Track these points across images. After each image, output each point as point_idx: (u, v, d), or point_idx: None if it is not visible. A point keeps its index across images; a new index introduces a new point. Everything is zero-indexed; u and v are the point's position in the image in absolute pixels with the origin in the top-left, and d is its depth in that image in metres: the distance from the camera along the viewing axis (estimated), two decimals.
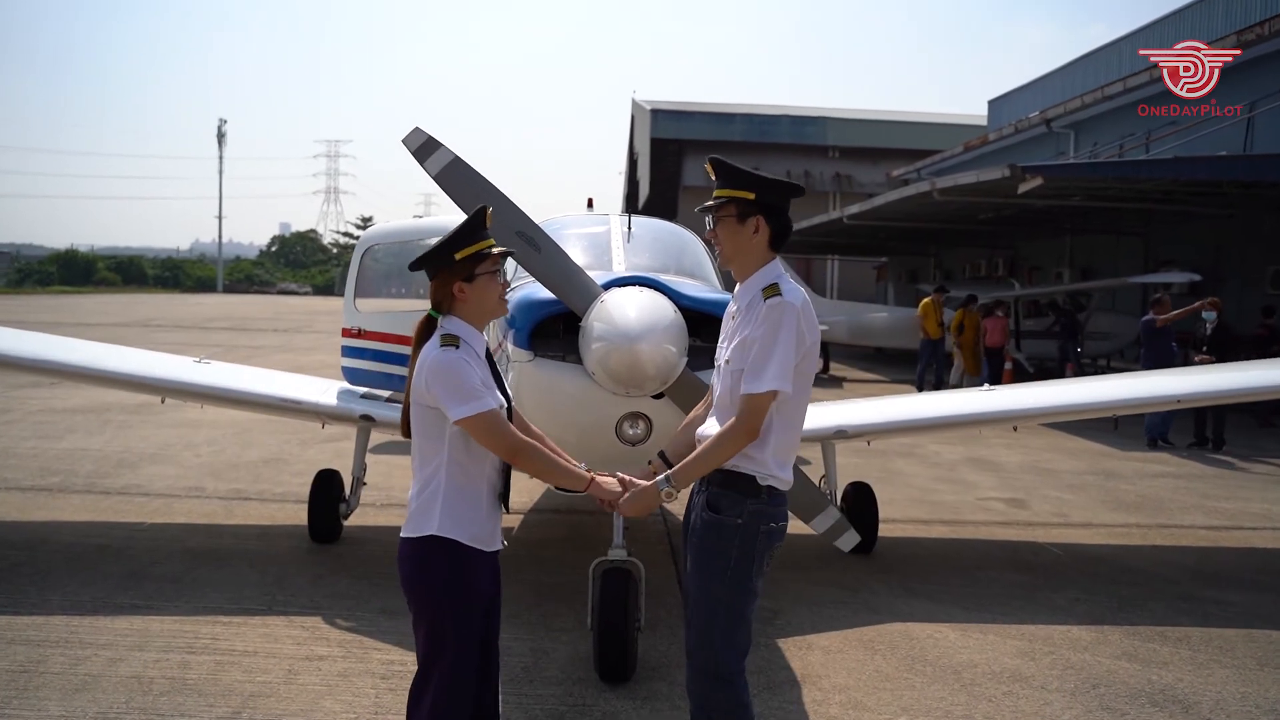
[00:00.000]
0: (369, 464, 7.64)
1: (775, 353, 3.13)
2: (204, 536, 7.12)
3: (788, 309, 3.15)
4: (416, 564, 3.25)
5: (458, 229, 3.24)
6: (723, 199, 3.32)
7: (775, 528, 3.31)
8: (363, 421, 6.52)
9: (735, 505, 3.26)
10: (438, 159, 3.94)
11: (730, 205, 3.31)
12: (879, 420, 6.41)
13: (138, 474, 9.20)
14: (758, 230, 3.28)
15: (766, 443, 3.23)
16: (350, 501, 7.09)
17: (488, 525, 3.27)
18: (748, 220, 3.27)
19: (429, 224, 6.89)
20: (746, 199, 3.28)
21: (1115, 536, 8.19)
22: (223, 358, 22.59)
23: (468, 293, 3.22)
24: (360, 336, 6.72)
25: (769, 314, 3.15)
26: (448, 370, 3.10)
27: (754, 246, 3.29)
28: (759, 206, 3.29)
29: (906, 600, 6.19)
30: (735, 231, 3.30)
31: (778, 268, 3.32)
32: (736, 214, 3.29)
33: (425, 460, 3.24)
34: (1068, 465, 11.53)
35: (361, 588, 6.04)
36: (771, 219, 3.30)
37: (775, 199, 3.33)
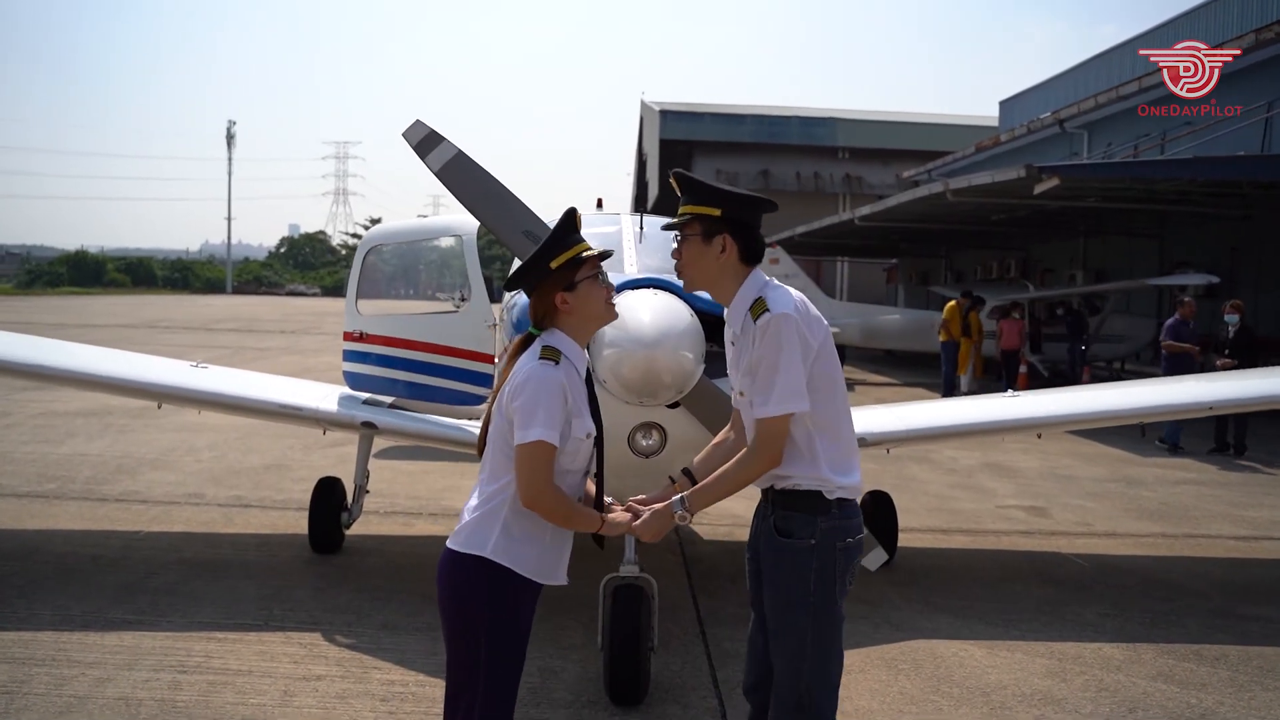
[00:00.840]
0: (372, 470, 7.43)
1: (779, 371, 2.91)
2: (202, 546, 6.91)
3: (780, 321, 2.92)
4: (457, 582, 3.01)
5: (550, 235, 3.03)
6: (686, 216, 3.07)
7: (852, 542, 3.08)
8: (365, 429, 6.30)
9: (806, 526, 3.03)
10: (440, 154, 3.71)
11: (694, 223, 3.06)
12: (901, 428, 6.16)
13: (137, 480, 9.00)
14: (725, 249, 3.03)
15: (816, 457, 3.02)
16: (352, 510, 6.88)
17: (549, 557, 3.04)
18: (714, 239, 3.03)
19: (434, 223, 6.67)
20: (711, 215, 3.03)
21: (1141, 547, 7.93)
22: (229, 359, 22.78)
23: (572, 303, 3.00)
24: (363, 340, 6.49)
25: (763, 333, 2.93)
26: (539, 387, 2.89)
27: (724, 266, 3.05)
28: (725, 223, 3.03)
29: (930, 616, 5.94)
30: (701, 252, 3.05)
31: (758, 278, 3.08)
32: (701, 232, 3.04)
33: (494, 475, 3.01)
34: (1087, 471, 11.26)
35: (362, 601, 5.82)
36: (739, 236, 3.05)
37: (743, 214, 3.07)
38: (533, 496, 2.90)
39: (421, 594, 5.97)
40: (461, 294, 6.44)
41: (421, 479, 9.34)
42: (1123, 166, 18.62)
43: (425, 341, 6.27)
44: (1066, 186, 16.45)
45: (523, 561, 2.98)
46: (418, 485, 9.12)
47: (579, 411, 2.98)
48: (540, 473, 2.89)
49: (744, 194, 3.08)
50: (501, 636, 2.98)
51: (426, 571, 6.61)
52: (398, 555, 6.89)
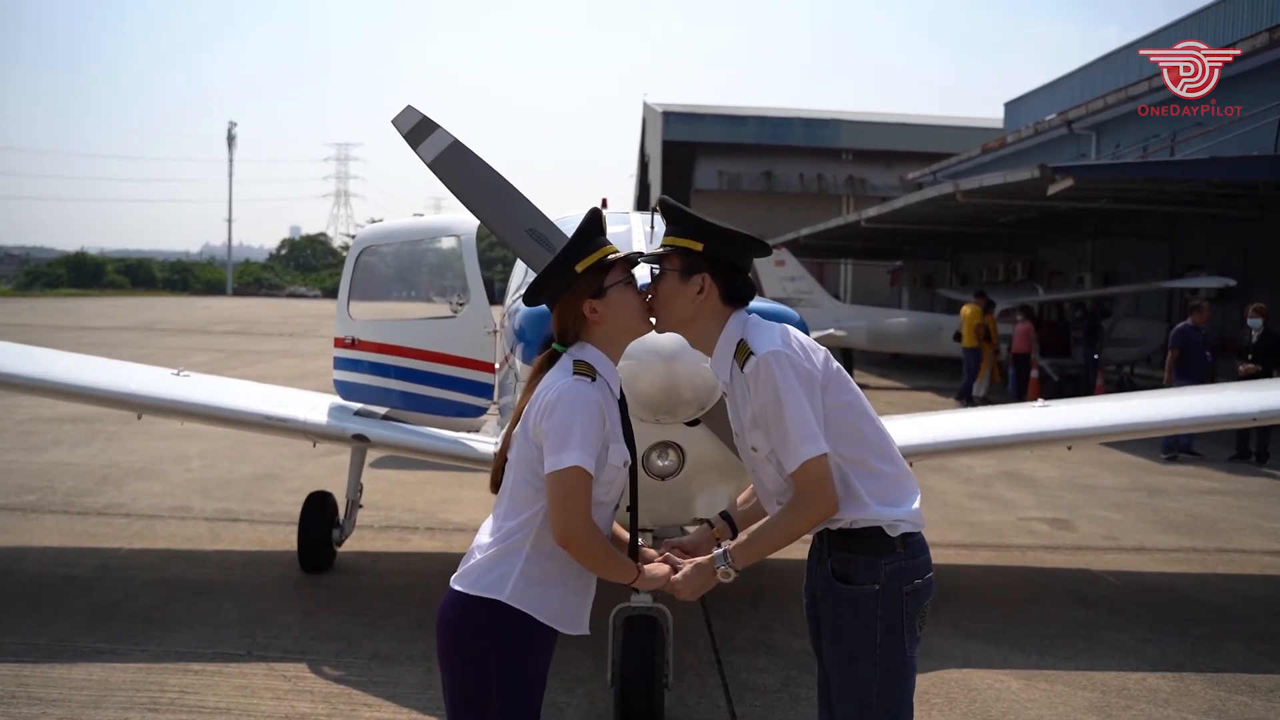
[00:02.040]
0: (368, 480, 7.07)
1: (787, 416, 2.56)
2: (184, 565, 6.53)
3: (768, 362, 2.57)
4: (466, 629, 2.59)
5: (573, 236, 2.68)
6: (666, 248, 2.72)
7: (921, 583, 2.70)
8: (356, 442, 5.92)
9: (868, 569, 2.66)
10: (434, 143, 3.32)
11: (674, 256, 2.70)
12: (926, 440, 5.77)
13: (121, 491, 8.62)
14: (703, 290, 2.67)
15: (857, 494, 2.65)
16: (344, 527, 6.50)
17: (572, 603, 2.67)
18: (692, 277, 2.67)
19: (431, 223, 6.28)
20: (692, 250, 2.67)
21: (1172, 563, 7.55)
22: (224, 363, 22.38)
23: (602, 311, 2.63)
24: (354, 347, 6.11)
25: (754, 380, 2.60)
26: (574, 406, 2.51)
27: (700, 308, 2.69)
28: (706, 261, 2.67)
29: (959, 641, 5.56)
30: (676, 290, 2.69)
31: (740, 320, 2.72)
32: (680, 268, 2.68)
33: (515, 509, 2.62)
34: (1109, 480, 10.88)
35: (353, 628, 5.44)
36: (720, 276, 2.69)
37: (729, 253, 2.71)
38: (569, 532, 2.51)
39: (416, 618, 5.60)
40: (460, 298, 6.06)
41: (419, 490, 8.97)
42: (1138, 167, 18.25)
43: (421, 349, 5.88)
44: (1079, 187, 16.08)
45: (544, 607, 2.59)
46: (415, 497, 8.75)
47: (615, 436, 2.61)
48: (578, 504, 2.51)
49: (732, 231, 2.70)
50: (514, 691, 2.59)
51: (422, 592, 6.30)
52: (392, 574, 6.51)
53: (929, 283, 35.21)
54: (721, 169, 42.91)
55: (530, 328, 3.96)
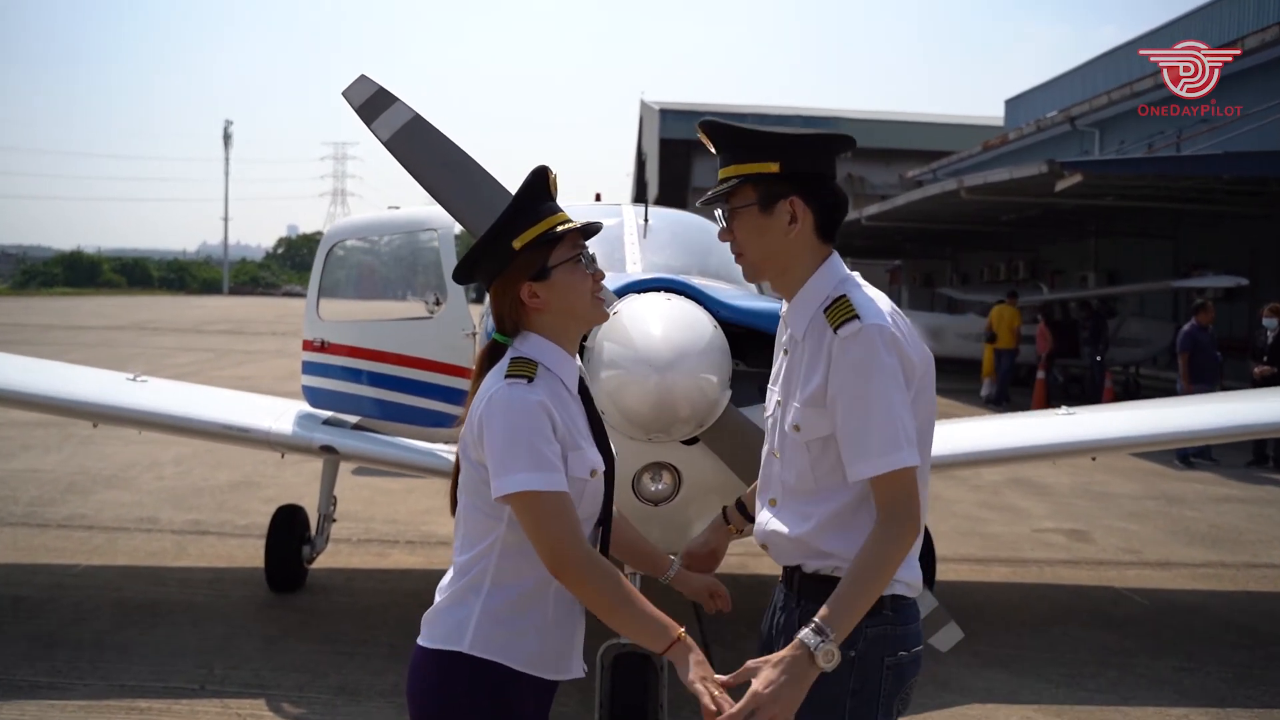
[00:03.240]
0: (348, 487, 6.63)
1: (876, 414, 2.04)
2: (145, 583, 6.07)
3: (873, 338, 2.05)
4: (431, 688, 2.15)
5: (510, 204, 2.19)
6: (733, 179, 2.18)
7: (907, 657, 2.18)
8: (324, 453, 5.47)
9: None
10: (391, 118, 2.86)
11: (747, 188, 2.18)
12: (947, 451, 5.31)
13: (87, 501, 8.16)
14: (795, 218, 2.16)
15: (861, 536, 2.12)
16: (316, 543, 6.05)
17: (553, 640, 2.19)
18: (777, 206, 2.16)
19: (407, 216, 5.83)
20: (770, 173, 2.15)
21: (1200, 579, 7.11)
22: (214, 362, 21.90)
23: (544, 296, 2.16)
24: (324, 350, 5.66)
25: (846, 353, 2.06)
26: (508, 414, 2.06)
27: (795, 244, 2.17)
28: (791, 182, 2.16)
29: (981, 671, 5.12)
30: (762, 227, 2.17)
31: (838, 267, 2.21)
32: (758, 200, 2.17)
33: (468, 541, 2.18)
34: (1123, 488, 10.45)
35: (319, 657, 4.98)
36: (813, 196, 2.17)
37: (814, 164, 2.19)
38: (559, 563, 2.05)
39: (390, 645, 5.15)
40: (436, 297, 5.61)
41: (402, 500, 8.51)
42: (1149, 162, 17.84)
43: (395, 352, 5.43)
44: (1086, 184, 15.68)
45: (517, 652, 2.13)
46: (398, 506, 8.30)
47: (573, 442, 2.13)
48: (559, 534, 2.04)
49: (806, 134, 2.18)
50: None
51: (398, 614, 5.81)
52: (367, 594, 6.06)
53: (928, 282, 34.86)
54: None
55: None
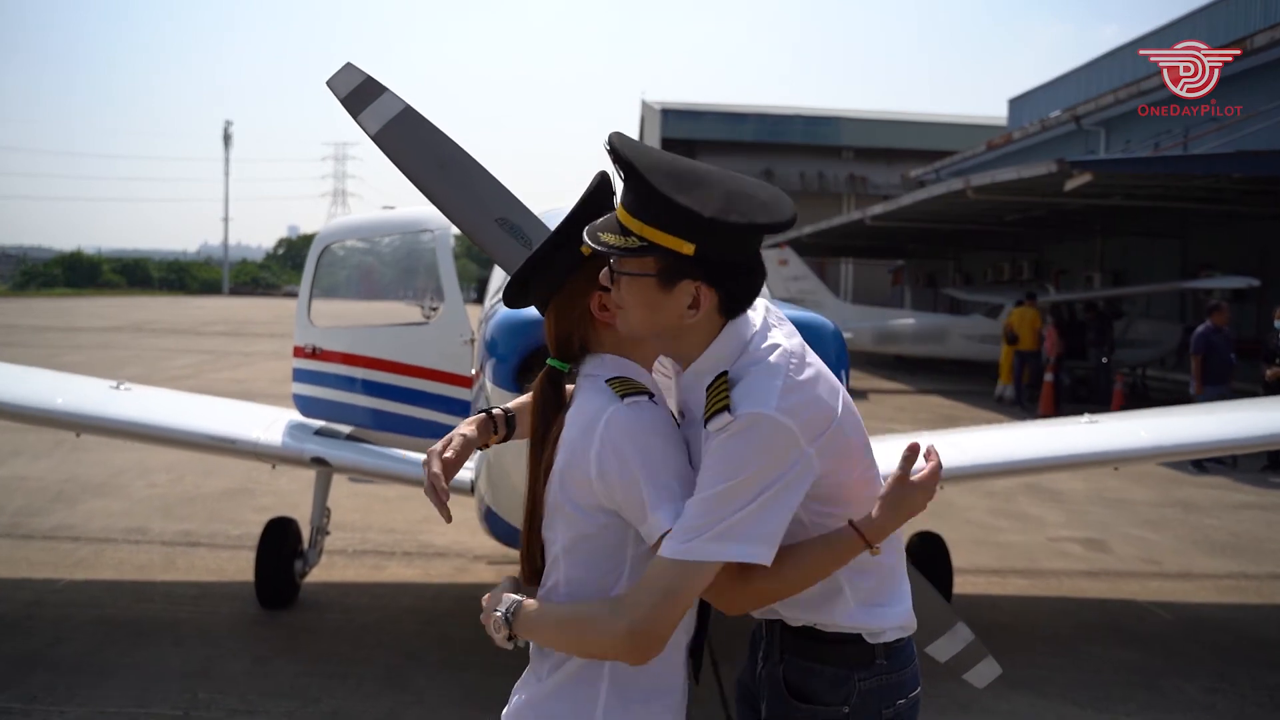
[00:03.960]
0: (344, 495, 6.39)
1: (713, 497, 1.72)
2: (129, 599, 5.84)
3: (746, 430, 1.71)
4: None
5: (578, 206, 1.87)
6: (638, 242, 1.75)
7: (905, 705, 1.97)
8: (315, 465, 5.24)
9: (837, 686, 1.92)
10: (379, 110, 2.62)
11: (649, 258, 1.76)
12: (966, 463, 5.08)
13: (74, 511, 7.92)
14: (696, 304, 1.78)
15: (839, 589, 1.90)
16: (309, 557, 5.82)
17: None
18: (679, 285, 1.77)
19: (401, 216, 5.59)
20: (680, 254, 1.74)
21: (1224, 592, 6.88)
22: (211, 365, 21.66)
23: (616, 306, 1.84)
24: (316, 357, 5.43)
25: (708, 440, 1.76)
26: (652, 436, 1.76)
27: (690, 324, 1.81)
28: (702, 266, 1.76)
29: (1005, 693, 4.85)
30: (655, 302, 1.79)
31: (741, 330, 1.85)
32: (659, 274, 1.77)
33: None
34: (1138, 494, 10.20)
35: (310, 680, 4.74)
36: (722, 283, 1.79)
37: (735, 251, 1.78)
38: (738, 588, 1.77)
39: (385, 667, 4.91)
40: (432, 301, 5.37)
41: (400, 508, 8.27)
42: (1161, 161, 17.58)
43: (389, 359, 5.20)
44: (1096, 184, 15.45)
45: None
46: (395, 516, 8.05)
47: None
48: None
49: (737, 223, 1.72)
50: None
51: (394, 633, 5.53)
52: (361, 610, 5.82)
53: (931, 282, 34.65)
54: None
55: (505, 339, 3.20)
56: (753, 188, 1.81)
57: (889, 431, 13.04)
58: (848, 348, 3.44)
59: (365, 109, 2.65)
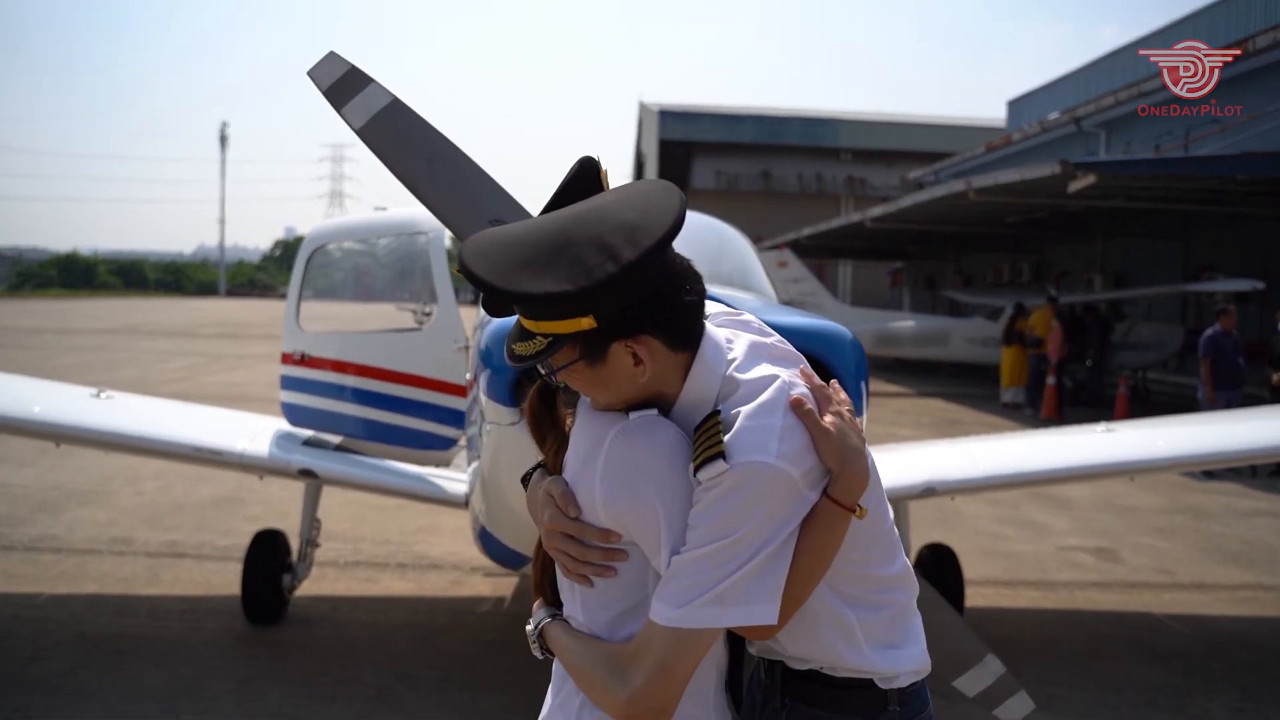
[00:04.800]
0: (337, 504, 6.18)
1: (705, 561, 1.56)
2: (112, 614, 5.63)
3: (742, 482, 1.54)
4: None
5: (557, 196, 1.68)
6: (544, 340, 1.59)
7: None
8: (302, 477, 5.03)
9: None
10: (365, 103, 2.42)
11: (565, 349, 1.61)
12: (980, 474, 4.89)
13: (59, 520, 7.71)
14: (639, 360, 1.62)
15: (850, 632, 1.72)
16: (298, 570, 5.61)
17: None
18: (610, 351, 1.61)
19: (393, 218, 5.39)
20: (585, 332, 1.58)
21: (1241, 604, 6.69)
22: (206, 367, 21.43)
23: None
24: (304, 364, 5.23)
25: (706, 492, 1.57)
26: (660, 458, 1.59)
27: (652, 379, 1.65)
28: (616, 327, 1.58)
29: None
30: (600, 378, 1.64)
31: (714, 361, 1.67)
32: (582, 355, 1.62)
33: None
34: (1146, 501, 10.01)
35: (299, 700, 4.54)
36: (654, 326, 1.62)
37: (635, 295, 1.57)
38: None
39: (376, 686, 4.71)
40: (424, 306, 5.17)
41: (394, 518, 8.06)
42: (1165, 163, 17.40)
43: (380, 366, 5.00)
44: (1099, 185, 15.28)
45: None
46: (389, 525, 7.85)
47: None
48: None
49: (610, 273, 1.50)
50: None
51: (386, 650, 5.28)
52: (353, 626, 5.60)
53: (930, 284, 34.50)
54: (719, 169, 42.24)
55: (500, 351, 3.02)
56: (619, 208, 1.58)
57: (891, 436, 12.84)
58: None
59: (350, 101, 2.45)
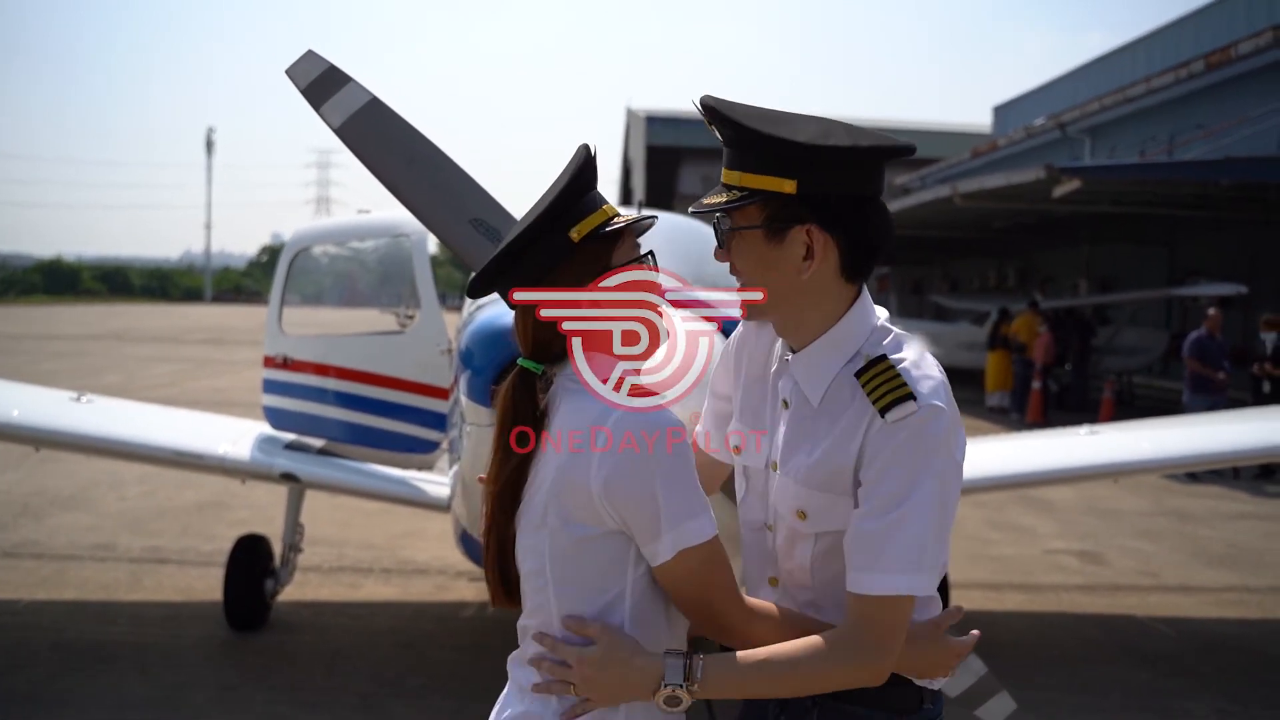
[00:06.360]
0: (321, 508, 6.14)
1: (911, 522, 1.56)
2: (93, 621, 5.57)
3: (931, 424, 1.56)
4: None
5: (562, 187, 1.64)
6: (739, 192, 1.62)
7: None
8: (284, 481, 5.00)
9: None
10: (343, 102, 2.40)
11: (753, 207, 1.62)
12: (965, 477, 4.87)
13: (40, 526, 7.65)
14: (811, 253, 1.62)
15: None
16: (280, 575, 5.57)
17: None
18: (789, 234, 1.61)
19: (376, 220, 5.36)
20: (782, 194, 1.59)
21: (1226, 606, 6.71)
22: (191, 373, 21.33)
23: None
24: (286, 367, 5.20)
25: (892, 438, 1.56)
26: (664, 442, 1.57)
27: (810, 285, 1.64)
28: (810, 206, 1.60)
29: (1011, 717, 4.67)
30: (768, 258, 1.64)
31: (868, 312, 1.70)
32: (764, 223, 1.62)
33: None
34: (1130, 504, 10.04)
35: (280, 709, 4.49)
36: (839, 226, 1.62)
37: (846, 183, 1.60)
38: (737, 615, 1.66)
39: (360, 694, 4.67)
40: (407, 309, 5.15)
41: (379, 522, 8.01)
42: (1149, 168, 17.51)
43: (363, 370, 4.97)
44: (1084, 190, 15.36)
45: None
46: (374, 529, 7.80)
47: None
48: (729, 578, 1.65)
49: (844, 145, 1.56)
50: None
51: (370, 657, 5.19)
52: (335, 631, 5.57)
53: (917, 289, 34.60)
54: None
55: (481, 350, 2.95)
56: (864, 128, 1.65)
57: None
58: None
59: (328, 100, 2.43)
